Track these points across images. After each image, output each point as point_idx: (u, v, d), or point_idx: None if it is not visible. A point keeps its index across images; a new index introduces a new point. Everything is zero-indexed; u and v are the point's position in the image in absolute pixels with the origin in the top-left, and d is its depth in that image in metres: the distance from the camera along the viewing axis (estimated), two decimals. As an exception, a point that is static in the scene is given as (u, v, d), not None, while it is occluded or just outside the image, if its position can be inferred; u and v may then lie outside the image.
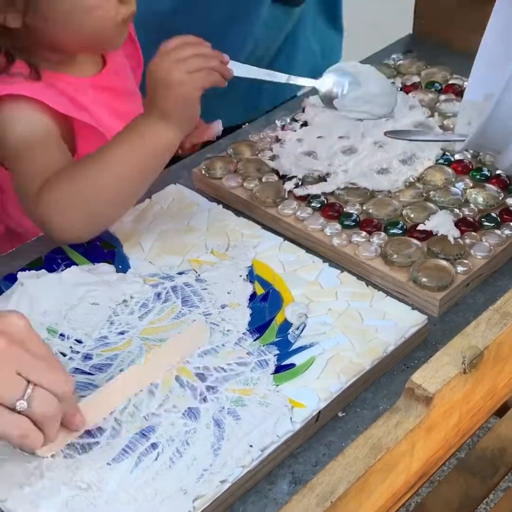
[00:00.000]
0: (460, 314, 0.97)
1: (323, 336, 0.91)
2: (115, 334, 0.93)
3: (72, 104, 1.07)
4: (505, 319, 0.72)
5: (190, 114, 0.99)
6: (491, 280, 1.01)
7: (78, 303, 0.96)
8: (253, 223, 1.08)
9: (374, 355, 0.88)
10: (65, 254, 1.03)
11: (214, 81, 0.99)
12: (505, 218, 1.04)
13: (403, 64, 1.34)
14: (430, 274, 0.96)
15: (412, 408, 0.67)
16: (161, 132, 0.98)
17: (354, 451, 0.65)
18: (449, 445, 0.74)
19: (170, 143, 0.99)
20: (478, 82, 1.08)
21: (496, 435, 1.22)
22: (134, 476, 0.78)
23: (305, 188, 1.10)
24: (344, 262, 1.02)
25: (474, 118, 1.06)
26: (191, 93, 0.97)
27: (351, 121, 1.19)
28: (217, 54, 1.00)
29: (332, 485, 0.63)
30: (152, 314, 0.95)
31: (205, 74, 0.98)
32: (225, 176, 1.13)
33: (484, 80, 1.08)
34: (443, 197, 1.07)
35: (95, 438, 0.82)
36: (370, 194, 1.09)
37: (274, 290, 0.97)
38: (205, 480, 0.77)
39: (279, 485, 0.80)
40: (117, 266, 1.02)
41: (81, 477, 0.79)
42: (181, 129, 0.99)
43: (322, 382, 0.86)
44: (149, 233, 1.06)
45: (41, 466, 0.79)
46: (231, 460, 0.79)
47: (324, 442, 0.84)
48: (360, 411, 0.87)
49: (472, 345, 0.70)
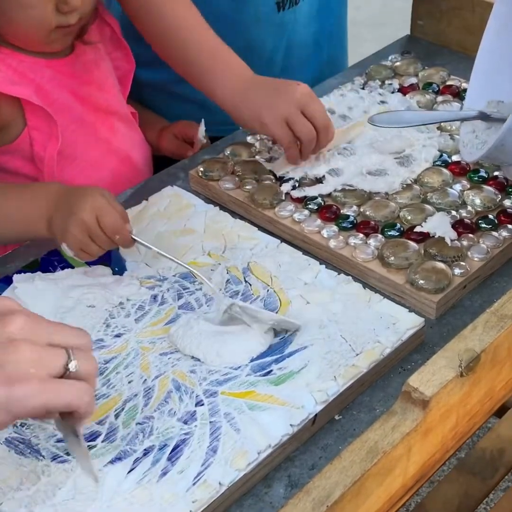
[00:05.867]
0: (457, 316, 0.96)
1: (320, 338, 0.91)
2: (111, 336, 0.93)
3: (19, 80, 1.08)
4: (502, 321, 0.72)
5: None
6: (489, 282, 1.00)
7: (74, 305, 0.96)
8: (250, 225, 1.08)
9: (371, 358, 0.88)
10: (61, 256, 1.03)
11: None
12: (503, 220, 1.04)
13: (400, 65, 1.34)
14: (427, 276, 0.96)
15: (408, 411, 0.67)
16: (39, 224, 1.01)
17: (351, 454, 0.65)
18: (446, 448, 0.74)
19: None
20: (478, 89, 1.08)
21: (496, 436, 1.22)
22: (130, 479, 0.78)
23: (302, 190, 1.10)
24: (341, 264, 1.01)
25: (478, 126, 1.06)
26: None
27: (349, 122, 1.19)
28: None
29: (328, 489, 0.62)
30: (148, 317, 0.95)
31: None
32: (222, 178, 1.13)
33: (484, 87, 1.07)
34: (441, 199, 1.07)
35: (91, 442, 0.82)
36: (367, 196, 1.09)
37: (270, 292, 0.97)
38: (201, 484, 0.77)
39: (275, 489, 0.80)
40: (113, 269, 1.02)
41: (77, 481, 0.78)
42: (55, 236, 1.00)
43: (319, 385, 0.86)
44: (146, 234, 1.06)
45: (37, 470, 0.79)
46: (227, 464, 0.79)
47: (321, 445, 0.83)
48: (357, 414, 0.86)
49: (469, 348, 0.69)
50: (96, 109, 1.17)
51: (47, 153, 1.12)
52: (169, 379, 0.87)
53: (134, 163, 1.23)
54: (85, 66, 1.16)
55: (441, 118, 1.15)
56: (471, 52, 1.07)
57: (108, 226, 0.96)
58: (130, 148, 1.23)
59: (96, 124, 1.18)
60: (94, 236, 0.97)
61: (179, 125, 1.34)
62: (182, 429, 0.82)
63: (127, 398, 0.86)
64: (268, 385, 0.86)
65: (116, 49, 1.23)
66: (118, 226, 0.97)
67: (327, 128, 1.10)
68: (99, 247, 0.98)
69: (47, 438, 0.82)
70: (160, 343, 0.92)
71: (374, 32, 2.93)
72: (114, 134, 1.20)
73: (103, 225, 0.96)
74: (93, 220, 0.96)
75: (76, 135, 1.15)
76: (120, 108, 1.22)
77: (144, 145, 1.27)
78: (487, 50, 1.07)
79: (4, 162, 1.13)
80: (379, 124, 1.11)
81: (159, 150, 1.34)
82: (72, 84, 1.14)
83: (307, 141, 1.09)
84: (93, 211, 0.96)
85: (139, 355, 0.90)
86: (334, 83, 1.32)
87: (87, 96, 1.16)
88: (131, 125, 1.25)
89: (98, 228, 0.96)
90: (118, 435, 0.82)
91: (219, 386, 0.86)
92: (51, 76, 1.12)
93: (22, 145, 1.12)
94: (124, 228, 0.97)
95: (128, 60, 1.24)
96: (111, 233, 0.97)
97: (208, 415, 0.83)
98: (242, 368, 0.88)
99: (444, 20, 1.39)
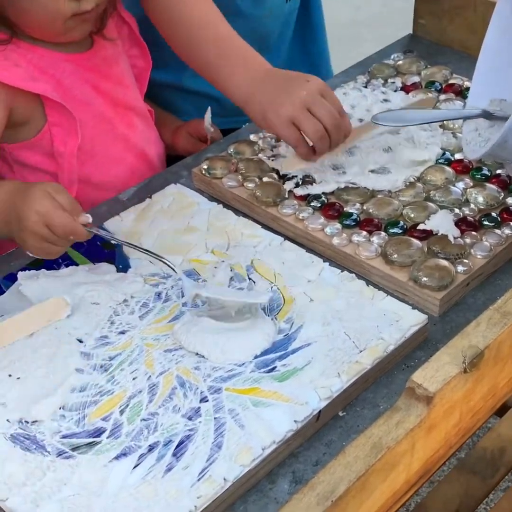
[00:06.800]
0: (461, 313, 0.97)
1: (323, 335, 0.91)
2: (115, 333, 0.93)
3: (40, 76, 1.08)
4: (505, 318, 0.72)
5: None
6: (492, 279, 1.01)
7: (79, 302, 0.97)
8: (253, 223, 1.08)
9: (375, 355, 0.88)
10: (65, 253, 1.03)
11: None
12: (505, 218, 1.05)
13: (403, 64, 1.34)
14: (431, 273, 0.96)
15: (412, 408, 0.67)
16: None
17: (355, 450, 0.65)
18: (450, 444, 0.74)
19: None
20: (481, 87, 1.08)
21: (496, 435, 1.22)
22: (135, 475, 0.79)
23: (305, 188, 1.10)
24: (344, 261, 1.02)
25: (481, 124, 1.06)
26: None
27: (354, 122, 1.19)
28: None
29: (332, 484, 0.63)
30: (152, 314, 0.95)
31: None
32: (226, 176, 1.13)
33: (487, 85, 1.07)
34: (444, 197, 1.08)
35: (96, 438, 0.82)
36: (371, 194, 1.09)
37: (274, 290, 0.98)
38: (206, 479, 0.78)
39: (279, 484, 0.80)
40: (117, 266, 1.02)
41: (82, 477, 0.79)
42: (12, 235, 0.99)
43: (323, 382, 0.86)
44: (149, 232, 1.07)
45: (42, 466, 0.80)
46: (232, 459, 0.79)
47: (325, 441, 0.84)
48: (361, 411, 0.87)
49: (473, 345, 0.70)
50: (115, 104, 1.18)
51: (67, 149, 1.12)
52: (174, 375, 0.88)
53: (150, 160, 1.23)
54: (104, 61, 1.16)
55: (444, 116, 1.15)
56: (473, 51, 1.07)
57: (59, 230, 0.95)
58: (147, 144, 1.23)
59: (115, 120, 1.18)
60: (51, 241, 0.96)
61: (193, 123, 1.34)
62: (186, 425, 0.83)
63: (132, 395, 0.86)
64: (272, 382, 0.86)
65: (134, 46, 1.23)
66: (68, 227, 0.95)
67: (338, 126, 1.08)
68: (60, 246, 0.98)
69: (52, 434, 0.83)
70: (165, 340, 0.92)
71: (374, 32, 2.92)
72: (132, 130, 1.21)
73: (53, 229, 0.95)
74: (43, 229, 0.95)
75: (95, 131, 1.15)
76: (138, 103, 1.23)
77: (159, 142, 1.28)
78: (490, 48, 1.07)
79: (24, 157, 1.13)
80: (383, 123, 1.11)
81: (174, 149, 1.34)
82: (92, 78, 1.14)
83: (316, 140, 1.07)
84: (41, 219, 0.94)
85: (144, 352, 0.91)
86: (337, 82, 1.32)
87: (107, 90, 1.16)
88: (148, 121, 1.25)
89: (51, 234, 0.95)
90: (123, 431, 0.83)
91: (223, 382, 0.87)
92: (71, 70, 1.12)
93: (43, 141, 1.12)
94: (75, 227, 0.96)
95: (145, 58, 1.25)
96: (64, 236, 0.96)
97: (212, 411, 0.84)
98: (246, 365, 0.88)
99: (446, 19, 1.40)
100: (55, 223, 0.95)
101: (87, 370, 0.89)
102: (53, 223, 0.95)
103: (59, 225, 0.95)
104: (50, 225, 0.95)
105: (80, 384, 0.87)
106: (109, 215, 1.10)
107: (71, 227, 0.95)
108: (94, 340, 0.92)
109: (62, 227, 0.95)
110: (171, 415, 0.84)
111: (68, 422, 0.84)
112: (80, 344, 0.92)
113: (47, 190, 0.96)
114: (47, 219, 0.95)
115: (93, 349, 0.91)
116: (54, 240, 0.96)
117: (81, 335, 0.93)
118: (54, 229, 0.95)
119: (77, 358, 0.90)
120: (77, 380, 0.88)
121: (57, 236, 0.96)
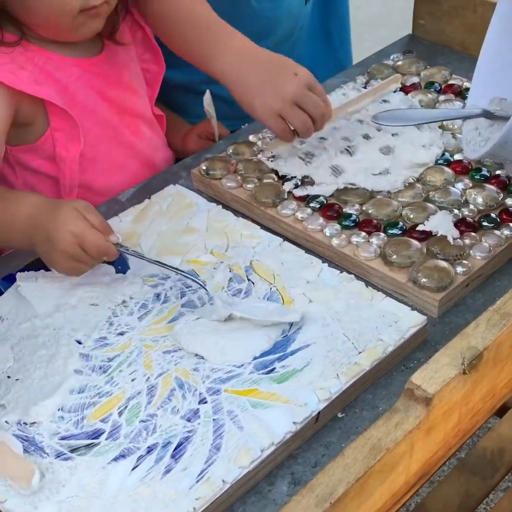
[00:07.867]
0: (460, 314, 0.97)
1: (322, 336, 0.91)
2: (114, 335, 0.93)
3: (44, 80, 1.08)
4: (504, 319, 0.72)
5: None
6: (491, 280, 1.01)
7: (77, 304, 0.97)
8: (253, 224, 1.08)
9: (374, 356, 0.88)
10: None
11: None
12: (505, 219, 1.04)
13: (402, 64, 1.34)
14: (430, 274, 0.96)
15: (411, 409, 0.67)
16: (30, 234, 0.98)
17: (354, 452, 0.65)
18: (449, 446, 0.74)
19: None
20: (481, 86, 1.08)
21: (496, 435, 1.22)
22: (134, 477, 0.79)
23: (305, 189, 1.10)
24: (343, 262, 1.02)
25: (481, 123, 1.06)
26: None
27: (353, 123, 1.19)
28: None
29: (331, 486, 0.63)
30: (151, 315, 0.95)
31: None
32: (225, 176, 1.13)
33: (487, 85, 1.07)
34: (443, 198, 1.07)
35: (94, 440, 0.82)
36: (370, 195, 1.09)
37: (273, 290, 0.97)
38: (205, 481, 0.77)
39: (278, 486, 0.80)
40: (116, 267, 1.02)
41: (80, 478, 0.79)
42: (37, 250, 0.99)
43: (322, 383, 0.86)
44: (148, 233, 1.06)
45: (41, 467, 0.79)
46: (231, 461, 0.79)
47: (324, 443, 0.84)
48: (360, 412, 0.86)
49: (472, 346, 0.70)
50: (122, 111, 1.17)
51: (69, 154, 1.12)
52: (172, 377, 0.88)
53: (157, 166, 1.23)
54: (114, 67, 1.16)
55: (444, 116, 1.15)
56: (472, 51, 1.07)
57: (93, 251, 0.95)
58: (153, 151, 1.23)
59: (120, 127, 1.17)
60: (82, 261, 0.96)
61: (201, 125, 1.34)
62: (185, 426, 0.83)
63: (131, 396, 0.86)
64: (271, 383, 0.86)
65: (147, 51, 1.23)
66: (102, 248, 0.96)
67: (323, 115, 1.10)
68: (89, 266, 0.98)
69: (51, 436, 0.83)
70: (163, 341, 0.92)
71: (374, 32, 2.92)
72: (138, 137, 1.20)
73: (87, 250, 0.95)
74: (76, 249, 0.95)
75: (99, 138, 1.15)
76: (146, 110, 1.22)
77: (165, 149, 1.27)
78: (490, 48, 1.07)
79: (27, 160, 1.13)
80: (382, 122, 1.11)
81: (185, 153, 1.32)
82: (99, 84, 1.14)
83: (303, 131, 1.10)
84: (74, 239, 0.94)
85: (142, 353, 0.90)
86: (336, 82, 1.32)
87: (113, 97, 1.16)
88: (155, 128, 1.24)
89: (83, 253, 0.95)
90: (121, 433, 0.83)
91: (222, 384, 0.86)
92: (78, 75, 1.11)
93: (45, 145, 1.11)
94: (109, 247, 0.96)
95: (158, 63, 1.24)
96: (97, 256, 0.96)
97: (211, 412, 0.84)
98: (245, 366, 0.88)
99: (445, 20, 1.39)
100: (89, 243, 0.95)
101: (86, 372, 0.89)
102: (87, 244, 0.95)
103: (93, 246, 0.95)
104: (84, 246, 0.95)
105: (79, 386, 0.87)
106: (108, 216, 1.10)
107: (105, 247, 0.96)
108: (92, 341, 0.92)
109: (96, 247, 0.95)
110: (169, 416, 0.84)
111: (66, 423, 0.84)
112: (79, 345, 0.92)
113: (78, 210, 0.96)
114: (81, 239, 0.94)
115: (92, 351, 0.91)
116: (86, 260, 0.96)
117: (80, 336, 0.93)
118: (88, 250, 0.95)
119: (76, 360, 0.90)
120: (76, 382, 0.88)
121: (90, 256, 0.96)
